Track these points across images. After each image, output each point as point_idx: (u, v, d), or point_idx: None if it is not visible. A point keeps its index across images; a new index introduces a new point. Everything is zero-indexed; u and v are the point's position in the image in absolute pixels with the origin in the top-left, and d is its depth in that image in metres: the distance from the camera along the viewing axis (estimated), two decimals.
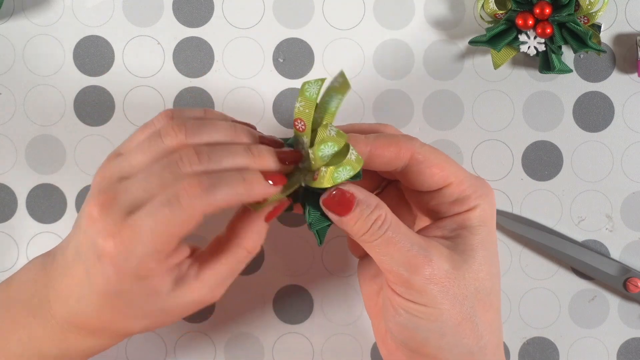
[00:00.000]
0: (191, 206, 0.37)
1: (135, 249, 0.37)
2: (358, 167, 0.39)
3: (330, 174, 0.40)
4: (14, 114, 0.54)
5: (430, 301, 0.40)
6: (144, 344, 0.55)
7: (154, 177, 0.37)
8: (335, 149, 0.40)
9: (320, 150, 0.40)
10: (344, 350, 0.55)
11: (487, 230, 0.43)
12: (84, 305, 0.39)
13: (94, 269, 0.38)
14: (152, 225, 0.36)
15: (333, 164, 0.40)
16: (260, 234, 0.41)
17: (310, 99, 0.41)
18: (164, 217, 0.36)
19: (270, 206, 0.41)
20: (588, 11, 0.48)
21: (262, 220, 0.41)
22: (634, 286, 0.52)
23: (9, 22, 0.54)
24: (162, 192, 0.37)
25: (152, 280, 0.38)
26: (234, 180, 0.38)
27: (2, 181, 0.55)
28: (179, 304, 0.39)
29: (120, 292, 0.38)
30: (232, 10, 0.53)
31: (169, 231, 0.37)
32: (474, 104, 0.53)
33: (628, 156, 0.53)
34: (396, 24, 0.52)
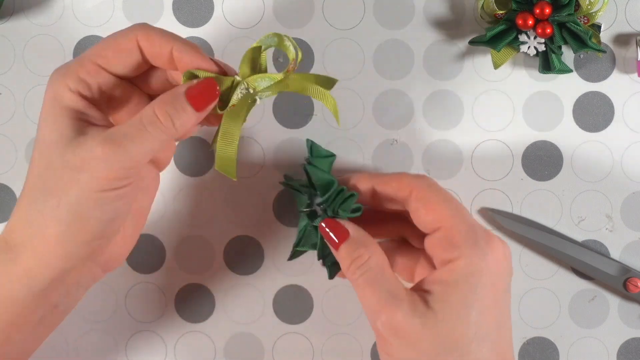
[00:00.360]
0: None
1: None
2: (277, 78, 0.42)
3: (253, 79, 0.42)
4: (14, 114, 0.54)
5: (394, 352, 0.40)
6: (144, 344, 0.55)
7: None
8: (271, 82, 0.42)
9: (256, 82, 0.42)
10: (344, 350, 0.55)
11: (470, 286, 0.40)
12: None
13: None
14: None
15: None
16: (173, 106, 0.40)
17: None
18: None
19: (194, 81, 0.41)
20: (588, 11, 0.48)
21: (182, 95, 0.41)
22: (634, 286, 0.52)
23: (9, 22, 0.54)
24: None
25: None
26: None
27: (2, 181, 0.55)
28: (79, 155, 0.39)
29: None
30: (232, 11, 0.53)
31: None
32: (474, 104, 0.53)
33: (628, 156, 0.53)
34: (396, 24, 0.52)
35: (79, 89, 0.41)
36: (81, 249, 0.41)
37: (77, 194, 0.39)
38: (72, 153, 0.39)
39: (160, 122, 0.40)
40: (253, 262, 0.55)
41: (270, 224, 0.54)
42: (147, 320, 0.55)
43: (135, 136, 0.40)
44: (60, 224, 0.40)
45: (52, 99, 0.41)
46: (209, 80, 0.41)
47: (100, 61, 0.41)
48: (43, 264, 0.41)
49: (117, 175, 0.40)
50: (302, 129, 0.53)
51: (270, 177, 0.54)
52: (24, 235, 0.41)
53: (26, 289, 0.41)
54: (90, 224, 0.40)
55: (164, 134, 0.40)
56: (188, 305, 0.55)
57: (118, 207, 0.41)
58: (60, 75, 0.41)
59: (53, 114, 0.41)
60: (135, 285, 0.55)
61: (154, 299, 0.55)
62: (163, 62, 0.42)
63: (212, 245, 0.54)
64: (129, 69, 0.42)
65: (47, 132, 0.41)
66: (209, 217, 0.54)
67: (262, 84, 0.42)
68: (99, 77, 0.42)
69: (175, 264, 0.55)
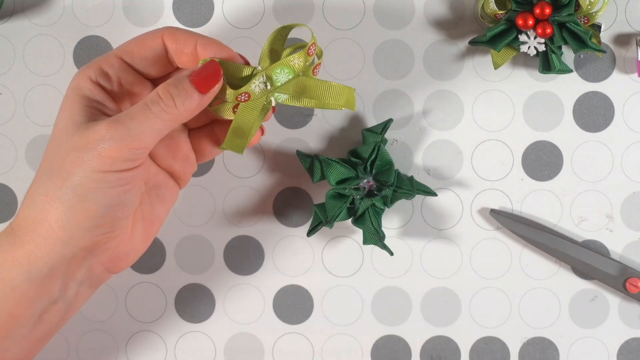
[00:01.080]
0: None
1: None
2: (297, 67, 0.43)
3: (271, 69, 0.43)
4: (14, 114, 0.54)
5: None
6: (144, 344, 0.55)
7: None
8: (290, 76, 0.43)
9: (275, 74, 0.43)
10: (344, 350, 0.55)
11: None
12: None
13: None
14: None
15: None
16: (176, 86, 0.41)
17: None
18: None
19: (199, 65, 0.42)
20: (588, 11, 0.48)
21: (185, 76, 0.41)
22: (634, 286, 0.52)
23: (9, 22, 0.54)
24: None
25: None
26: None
27: (2, 181, 0.55)
28: (87, 135, 0.40)
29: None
30: (232, 11, 0.53)
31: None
32: (474, 104, 0.53)
33: (628, 156, 0.53)
34: (396, 24, 0.52)
35: (99, 80, 0.42)
36: (82, 236, 0.41)
37: (81, 174, 0.40)
38: (79, 135, 0.40)
39: (162, 100, 0.40)
40: (253, 262, 0.55)
41: (270, 224, 0.54)
42: (147, 320, 0.55)
43: (139, 115, 0.40)
44: (63, 204, 0.40)
45: (73, 88, 0.42)
46: (212, 62, 0.42)
47: (124, 56, 0.43)
48: (44, 248, 0.41)
49: (120, 154, 0.40)
50: (302, 129, 0.53)
51: (270, 177, 0.54)
52: (27, 219, 0.41)
53: (25, 274, 0.41)
54: (91, 207, 0.40)
55: (166, 114, 0.41)
56: (188, 305, 0.55)
57: (120, 194, 0.41)
58: (85, 66, 0.43)
59: (70, 101, 0.42)
60: (135, 285, 0.55)
61: (154, 299, 0.55)
62: (188, 59, 0.43)
63: (212, 245, 0.54)
64: (152, 66, 0.43)
65: (61, 118, 0.42)
66: (209, 217, 0.54)
67: (281, 77, 0.43)
68: (120, 71, 0.43)
69: (175, 264, 0.55)
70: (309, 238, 0.54)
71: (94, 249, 0.42)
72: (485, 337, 0.54)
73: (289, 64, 0.42)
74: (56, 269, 0.42)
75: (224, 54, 0.43)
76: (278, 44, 0.44)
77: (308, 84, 0.43)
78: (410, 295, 0.54)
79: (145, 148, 0.41)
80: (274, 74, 0.43)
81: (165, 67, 0.44)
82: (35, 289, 0.42)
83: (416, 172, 0.53)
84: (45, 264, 0.41)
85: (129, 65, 0.43)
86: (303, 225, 0.54)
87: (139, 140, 0.40)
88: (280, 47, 0.44)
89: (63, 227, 0.41)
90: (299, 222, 0.54)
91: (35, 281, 0.41)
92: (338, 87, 0.44)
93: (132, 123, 0.40)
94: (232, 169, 0.54)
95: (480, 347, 0.54)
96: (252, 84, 0.42)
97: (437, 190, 0.53)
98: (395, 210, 0.53)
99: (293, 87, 0.43)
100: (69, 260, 0.42)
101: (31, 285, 0.41)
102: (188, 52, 0.43)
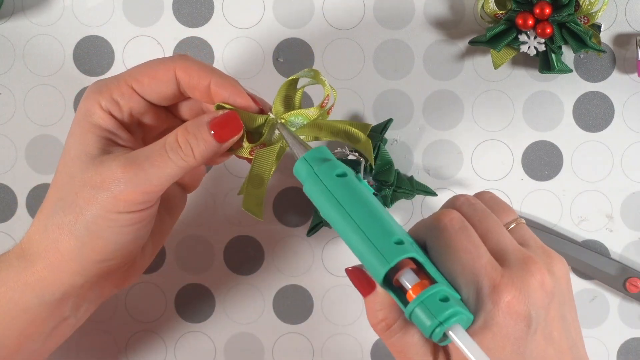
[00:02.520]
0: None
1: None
2: (312, 115, 0.42)
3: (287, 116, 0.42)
4: (14, 114, 0.54)
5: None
6: (144, 344, 0.55)
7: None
8: (304, 122, 0.42)
9: (289, 121, 0.42)
10: (344, 350, 0.55)
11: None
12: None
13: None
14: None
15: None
16: (195, 135, 0.40)
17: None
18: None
19: (219, 112, 0.41)
20: (588, 11, 0.48)
21: (205, 125, 0.40)
22: (634, 286, 0.52)
23: (9, 22, 0.54)
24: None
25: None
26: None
27: (2, 181, 0.55)
28: (99, 171, 0.40)
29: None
30: (232, 10, 0.53)
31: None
32: (474, 104, 0.53)
33: (628, 156, 0.53)
34: (396, 24, 0.52)
35: (110, 109, 0.41)
36: (95, 267, 0.41)
37: (94, 213, 0.40)
38: (94, 171, 0.40)
39: (181, 149, 0.40)
40: (253, 262, 0.55)
41: (270, 224, 0.54)
42: (147, 320, 0.55)
43: (157, 160, 0.40)
44: (76, 240, 0.40)
45: (83, 114, 0.41)
46: (232, 113, 0.41)
47: (135, 85, 0.41)
48: (56, 276, 0.41)
49: (136, 198, 0.40)
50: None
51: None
52: (40, 246, 0.41)
53: (38, 299, 0.41)
54: (105, 243, 0.40)
55: (184, 162, 0.40)
56: (188, 305, 0.55)
57: (134, 231, 0.41)
58: (95, 92, 0.41)
59: (81, 129, 0.41)
60: (135, 285, 0.55)
61: (154, 299, 0.55)
62: (200, 94, 0.42)
63: (212, 245, 0.54)
64: (163, 98, 0.42)
65: (73, 145, 0.41)
66: (209, 217, 0.54)
67: (296, 122, 0.42)
68: (131, 100, 0.42)
69: (175, 264, 0.55)
70: (309, 238, 0.54)
71: (106, 276, 0.43)
72: None
73: (303, 114, 0.42)
74: (68, 294, 0.42)
75: (239, 99, 0.41)
76: (291, 90, 0.43)
77: (323, 126, 0.43)
78: None
79: (159, 192, 0.41)
80: (288, 121, 0.42)
81: (176, 98, 0.43)
82: (47, 311, 0.42)
83: (416, 172, 0.53)
84: (58, 289, 0.41)
85: (139, 94, 0.42)
86: (303, 225, 0.54)
87: (154, 185, 0.40)
88: (293, 92, 0.43)
89: (75, 260, 0.41)
90: (299, 222, 0.54)
91: (47, 305, 0.42)
92: (352, 131, 0.43)
93: (149, 168, 0.39)
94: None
95: None
96: (267, 134, 0.42)
97: (437, 190, 0.53)
98: (395, 210, 0.53)
99: (308, 130, 0.43)
100: (81, 286, 0.42)
101: (43, 308, 0.42)
102: (201, 89, 0.41)
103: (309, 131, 0.43)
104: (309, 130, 0.43)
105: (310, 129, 0.43)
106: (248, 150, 0.42)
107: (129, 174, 0.39)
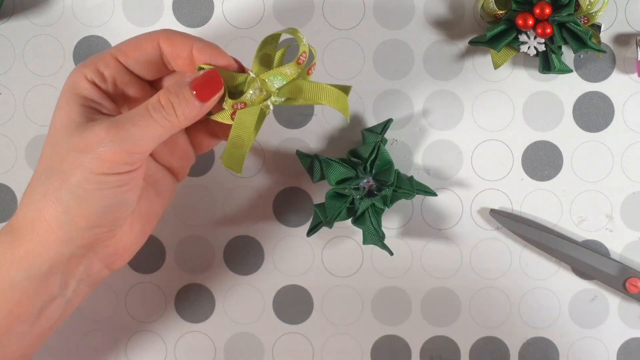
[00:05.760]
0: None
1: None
2: (291, 75, 0.43)
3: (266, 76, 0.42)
4: (14, 114, 0.54)
5: None
6: (144, 344, 0.55)
7: None
8: (284, 81, 0.43)
9: (269, 80, 0.42)
10: (344, 350, 0.55)
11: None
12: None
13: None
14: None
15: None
16: (177, 95, 0.41)
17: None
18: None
19: (200, 72, 0.42)
20: (588, 11, 0.48)
21: (186, 85, 0.41)
22: (634, 286, 0.52)
23: (9, 22, 0.54)
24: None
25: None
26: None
27: (2, 181, 0.55)
28: (85, 138, 0.40)
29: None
30: (232, 10, 0.53)
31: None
32: (474, 104, 0.53)
33: (628, 156, 0.53)
34: (396, 24, 0.52)
35: (94, 79, 0.42)
36: (81, 235, 0.41)
37: (79, 177, 0.40)
38: (79, 136, 0.40)
39: (164, 109, 0.41)
40: (253, 262, 0.55)
41: (270, 224, 0.54)
42: (147, 320, 0.55)
43: (140, 121, 0.40)
44: (62, 206, 0.40)
45: (69, 87, 0.42)
46: (212, 71, 0.42)
47: (120, 57, 0.43)
48: (43, 246, 0.41)
49: (120, 158, 0.40)
50: (302, 129, 0.53)
51: (270, 177, 0.54)
52: (26, 218, 0.41)
53: (25, 272, 0.41)
54: (90, 208, 0.41)
55: (167, 122, 0.41)
56: (188, 305, 0.55)
57: (119, 195, 0.41)
58: (81, 65, 0.43)
59: (66, 101, 0.42)
60: (135, 285, 0.55)
61: (154, 299, 0.55)
62: (183, 62, 0.43)
63: (212, 245, 0.55)
64: (147, 70, 0.43)
65: (59, 117, 0.42)
66: (209, 217, 0.54)
67: (275, 83, 0.43)
68: (115, 71, 0.43)
69: (175, 264, 0.55)
70: (309, 238, 0.54)
71: (93, 247, 0.42)
72: (485, 337, 0.54)
73: (281, 73, 0.43)
74: (55, 267, 0.42)
75: (220, 60, 0.42)
76: (269, 48, 0.44)
77: (303, 86, 0.43)
78: (410, 295, 0.54)
79: (144, 153, 0.41)
80: (267, 80, 0.43)
81: (160, 71, 0.44)
82: (34, 287, 0.42)
83: (416, 172, 0.53)
84: (45, 262, 0.41)
85: (123, 65, 0.43)
86: (303, 225, 0.54)
87: (138, 145, 0.40)
88: (272, 50, 0.44)
89: (61, 227, 0.41)
90: (299, 222, 0.54)
91: (34, 279, 0.41)
92: (332, 91, 0.44)
93: (132, 128, 0.40)
94: None
95: (480, 347, 0.54)
96: (248, 93, 0.42)
97: (437, 190, 0.53)
98: (395, 210, 0.53)
99: (288, 91, 0.43)
100: (68, 259, 0.42)
101: (31, 283, 0.42)
102: (184, 56, 0.42)
103: (291, 92, 0.43)
104: (291, 92, 0.43)
105: (291, 90, 0.43)
106: (229, 113, 0.43)
107: (113, 134, 0.40)
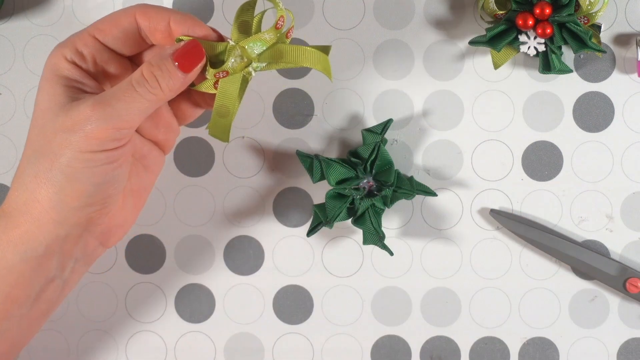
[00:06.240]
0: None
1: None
2: (270, 40, 0.43)
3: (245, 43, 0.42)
4: (14, 114, 0.54)
5: None
6: (144, 344, 0.55)
7: None
8: (264, 47, 0.43)
9: (249, 47, 0.43)
10: (344, 350, 0.55)
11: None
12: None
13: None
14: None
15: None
16: (160, 67, 0.41)
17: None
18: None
19: (181, 43, 0.42)
20: (588, 11, 0.48)
21: (168, 56, 0.41)
22: (634, 286, 0.52)
23: (9, 22, 0.54)
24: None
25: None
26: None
27: (2, 181, 0.55)
28: (72, 117, 0.40)
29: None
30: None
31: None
32: (474, 104, 0.53)
33: (628, 156, 0.53)
34: (396, 24, 0.52)
35: (75, 59, 0.42)
36: (75, 214, 0.41)
37: (69, 156, 0.40)
38: (65, 116, 0.40)
39: (148, 82, 0.41)
40: (253, 262, 0.55)
41: (270, 224, 0.54)
42: (147, 320, 0.55)
43: (124, 96, 0.40)
44: (53, 186, 0.40)
45: (50, 69, 0.42)
46: (193, 41, 0.42)
47: (98, 34, 0.43)
48: (37, 228, 0.41)
49: (107, 135, 0.40)
50: (302, 129, 0.53)
51: (270, 177, 0.54)
52: (18, 201, 0.41)
53: (21, 255, 0.41)
54: (82, 186, 0.41)
55: (152, 95, 0.41)
56: (188, 305, 0.55)
57: (109, 172, 0.41)
58: (59, 46, 0.42)
59: (48, 82, 0.42)
60: (135, 285, 0.55)
61: (154, 299, 0.55)
62: (161, 35, 0.43)
63: (212, 245, 0.55)
64: (126, 45, 0.43)
65: (42, 100, 0.42)
66: (208, 217, 0.54)
67: (255, 49, 0.43)
68: (94, 49, 0.43)
69: (175, 264, 0.55)
70: (309, 238, 0.54)
71: (87, 226, 0.43)
72: (485, 337, 0.54)
73: (260, 38, 0.43)
74: (51, 248, 0.42)
75: (198, 30, 0.42)
76: (247, 15, 0.44)
77: (284, 50, 0.43)
78: (410, 295, 0.54)
79: (131, 128, 0.41)
80: (247, 47, 0.43)
81: (138, 46, 0.44)
82: (31, 269, 0.42)
83: (416, 172, 0.53)
84: (40, 243, 0.41)
85: (101, 42, 0.43)
86: (303, 225, 0.54)
87: (124, 121, 0.40)
88: (250, 17, 0.44)
89: (55, 208, 0.41)
90: (299, 222, 0.54)
91: (31, 261, 0.41)
92: (313, 52, 0.44)
93: (117, 104, 0.40)
94: (232, 169, 0.54)
95: (480, 347, 0.54)
96: (229, 61, 0.43)
97: (437, 190, 0.53)
98: (395, 210, 0.53)
99: (269, 56, 0.43)
100: (64, 239, 0.42)
101: (27, 266, 0.42)
102: (161, 29, 0.42)
103: (272, 57, 0.43)
104: (272, 56, 0.43)
105: (272, 55, 0.43)
106: (212, 82, 0.43)
107: (99, 111, 0.40)
